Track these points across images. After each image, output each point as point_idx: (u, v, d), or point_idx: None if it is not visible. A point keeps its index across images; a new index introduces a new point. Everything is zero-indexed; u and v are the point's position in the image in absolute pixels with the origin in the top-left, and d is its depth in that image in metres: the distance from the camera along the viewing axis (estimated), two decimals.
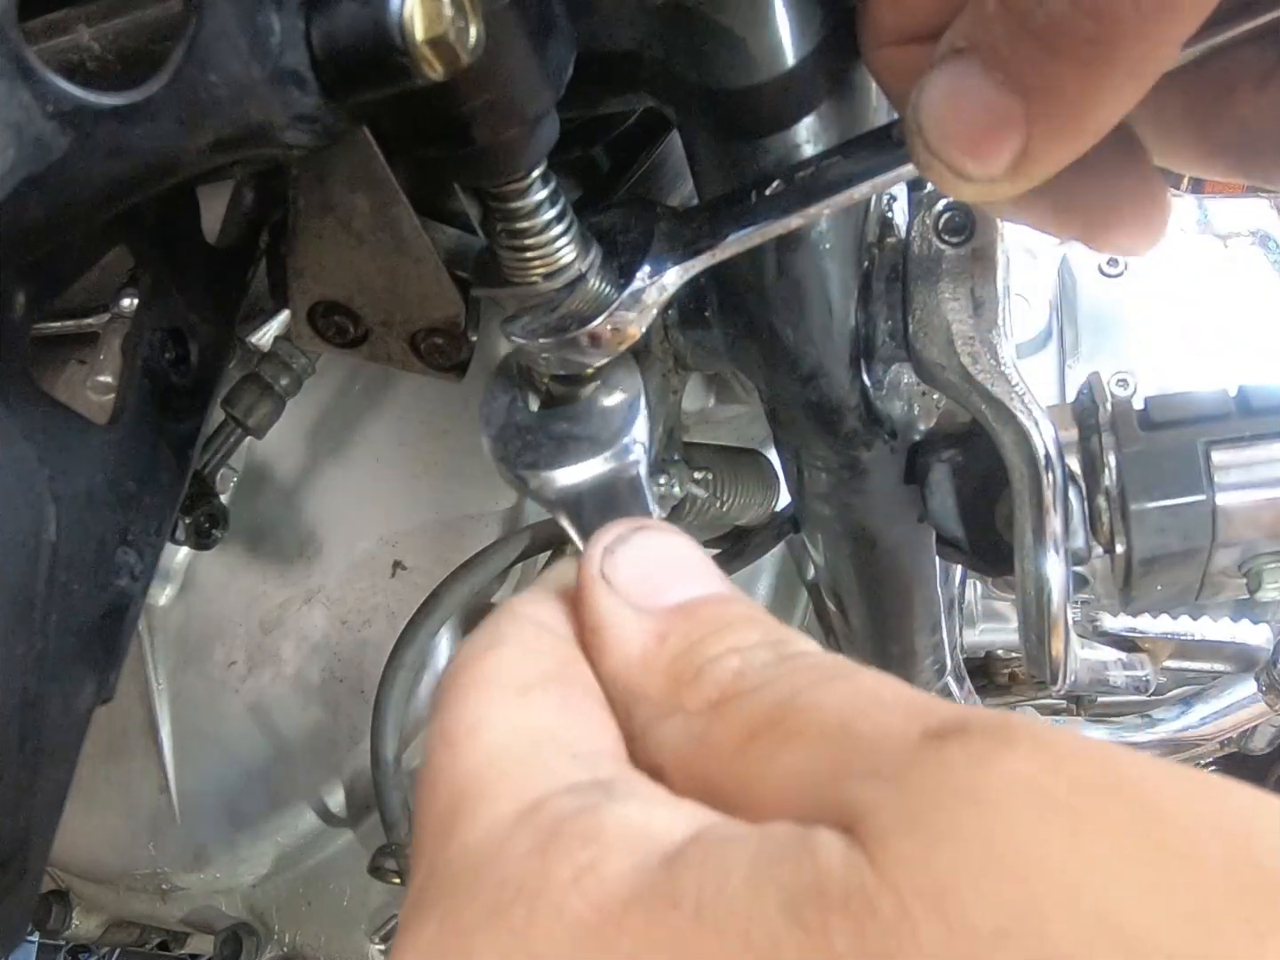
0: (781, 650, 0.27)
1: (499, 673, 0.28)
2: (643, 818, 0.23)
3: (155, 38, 0.30)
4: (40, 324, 0.39)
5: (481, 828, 0.24)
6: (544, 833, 0.23)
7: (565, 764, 0.26)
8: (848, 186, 0.37)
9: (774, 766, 0.24)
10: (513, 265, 0.38)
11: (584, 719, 0.28)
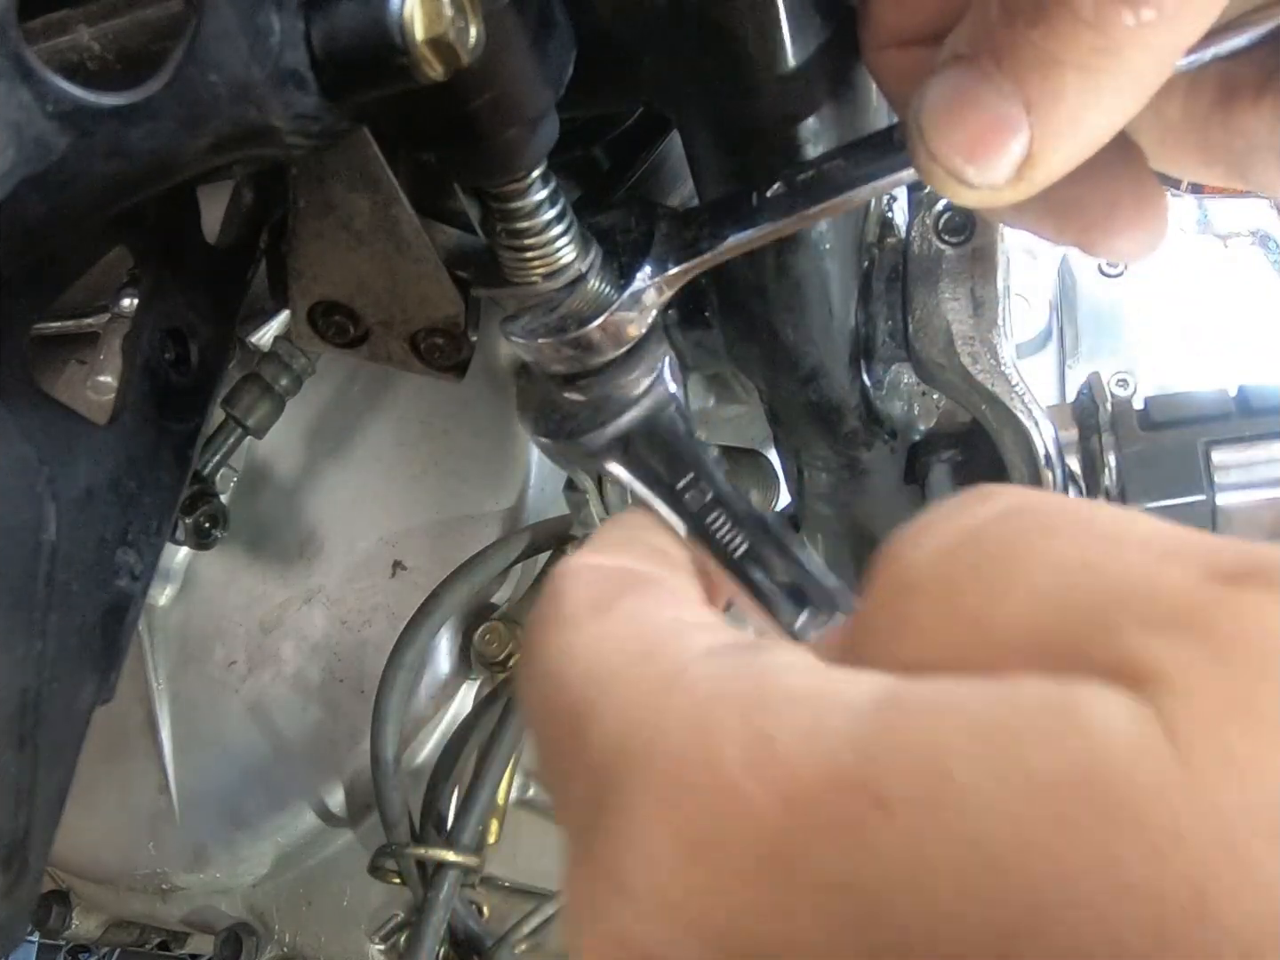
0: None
1: (596, 574, 0.27)
2: (811, 674, 0.19)
3: (155, 38, 0.30)
4: (40, 324, 0.39)
5: (620, 714, 0.21)
6: (695, 703, 0.19)
7: (697, 632, 0.23)
8: (849, 189, 0.37)
9: (991, 614, 0.18)
10: (512, 265, 0.38)
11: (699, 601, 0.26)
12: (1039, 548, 0.19)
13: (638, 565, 0.29)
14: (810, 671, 0.19)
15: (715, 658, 0.21)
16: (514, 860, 0.89)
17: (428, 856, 0.71)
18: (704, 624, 0.24)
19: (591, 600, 0.25)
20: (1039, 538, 0.19)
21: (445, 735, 0.78)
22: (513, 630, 0.77)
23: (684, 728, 0.19)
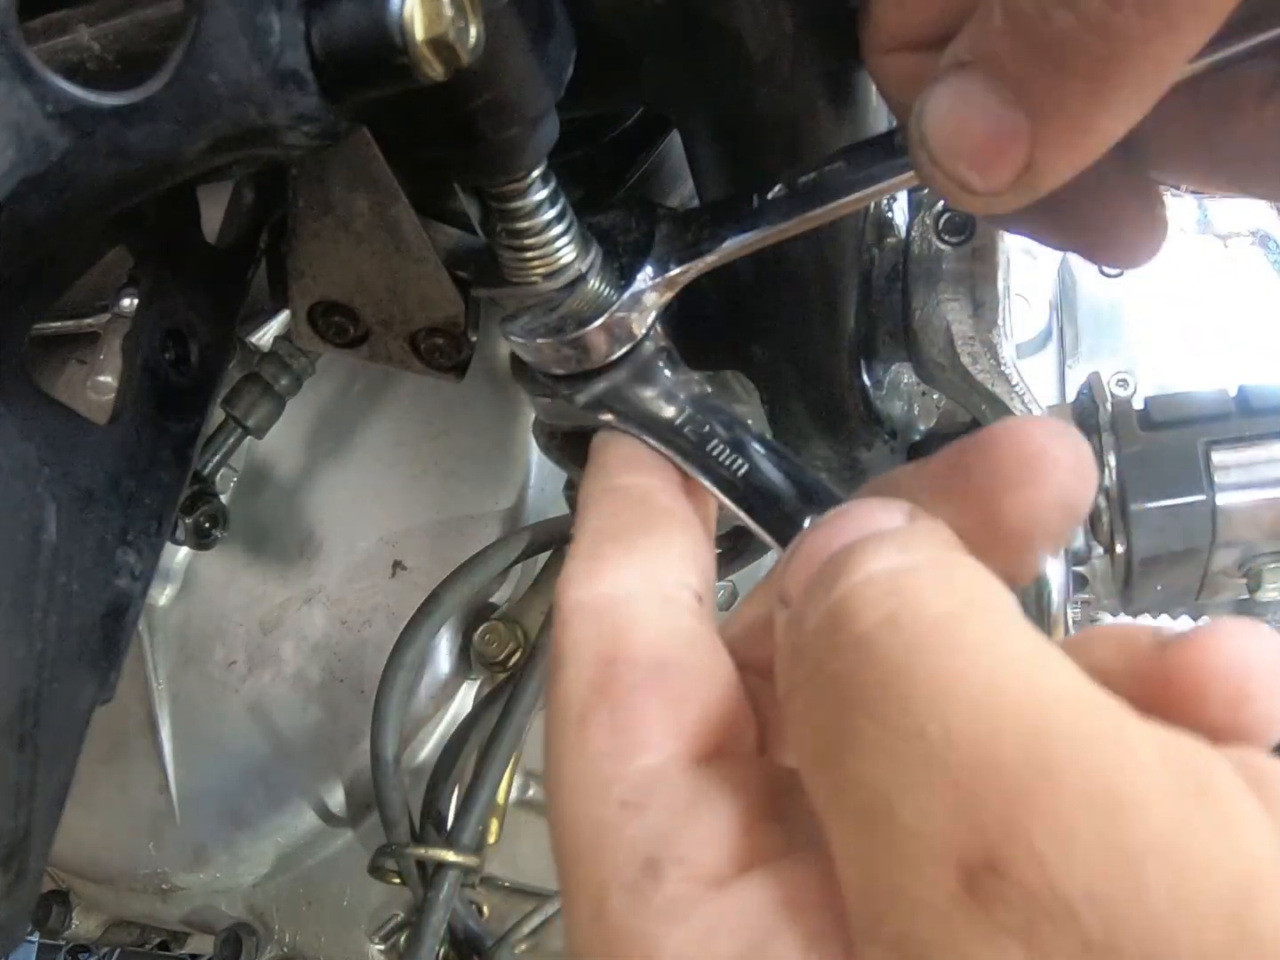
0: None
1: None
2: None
3: (155, 38, 0.30)
4: (40, 324, 0.39)
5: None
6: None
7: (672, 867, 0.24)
8: (849, 193, 0.37)
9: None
10: (512, 265, 0.38)
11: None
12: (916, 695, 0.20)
13: (634, 582, 0.30)
14: (681, 934, 0.22)
15: (625, 894, 0.23)
16: (514, 860, 0.89)
17: (428, 856, 0.71)
18: (641, 777, 0.25)
19: (576, 694, 0.27)
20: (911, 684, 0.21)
21: (445, 735, 0.78)
22: (513, 630, 0.77)
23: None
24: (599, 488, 0.35)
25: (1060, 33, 0.27)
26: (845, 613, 0.23)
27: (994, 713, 0.20)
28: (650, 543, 0.32)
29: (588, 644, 0.28)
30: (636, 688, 0.27)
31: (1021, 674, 0.20)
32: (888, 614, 0.22)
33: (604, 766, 0.26)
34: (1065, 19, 0.27)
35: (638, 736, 0.26)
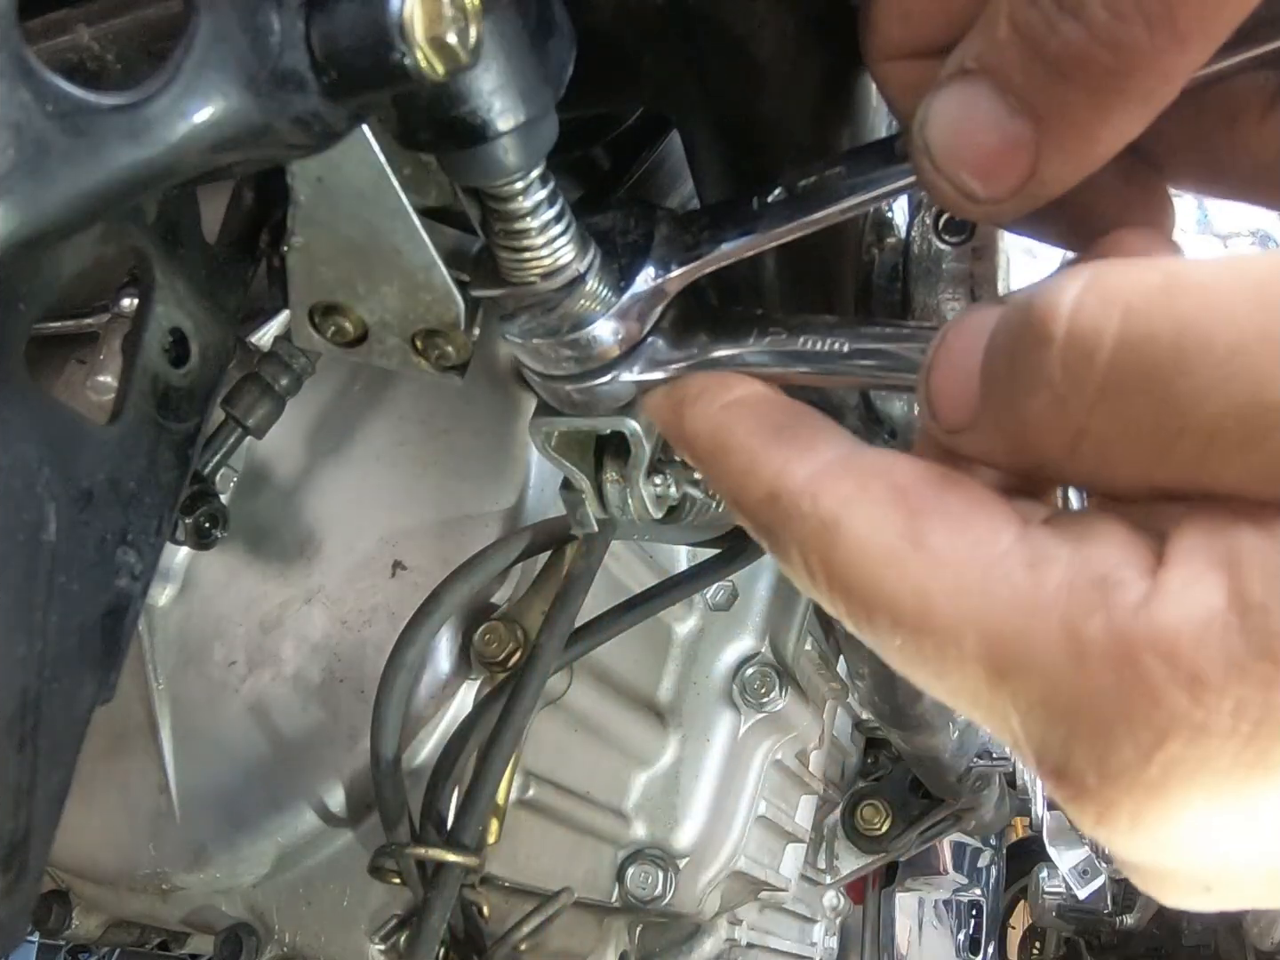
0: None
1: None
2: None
3: (155, 38, 0.30)
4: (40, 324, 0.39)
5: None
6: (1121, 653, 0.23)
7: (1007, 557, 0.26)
8: (849, 197, 0.37)
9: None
10: (511, 265, 0.38)
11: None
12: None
13: (840, 450, 0.30)
14: (1172, 601, 0.23)
15: (1097, 614, 0.24)
16: (514, 860, 0.89)
17: (428, 856, 0.71)
18: (1021, 546, 0.26)
19: (888, 525, 0.27)
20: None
21: (445, 735, 0.78)
22: (513, 630, 0.77)
23: (1129, 693, 0.23)
24: (716, 408, 0.34)
25: (1067, 44, 0.27)
26: (1084, 334, 0.24)
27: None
28: (818, 422, 0.32)
29: (860, 493, 0.28)
30: (949, 496, 0.28)
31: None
32: (1123, 309, 0.24)
33: (978, 557, 0.26)
34: (1072, 30, 0.27)
35: (987, 524, 0.27)
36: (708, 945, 1.17)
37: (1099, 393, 0.24)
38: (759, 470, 0.31)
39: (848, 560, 0.28)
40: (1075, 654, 0.24)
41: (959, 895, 2.43)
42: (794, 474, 0.30)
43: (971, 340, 0.29)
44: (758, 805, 1.11)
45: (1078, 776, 0.25)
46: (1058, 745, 0.25)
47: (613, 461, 0.47)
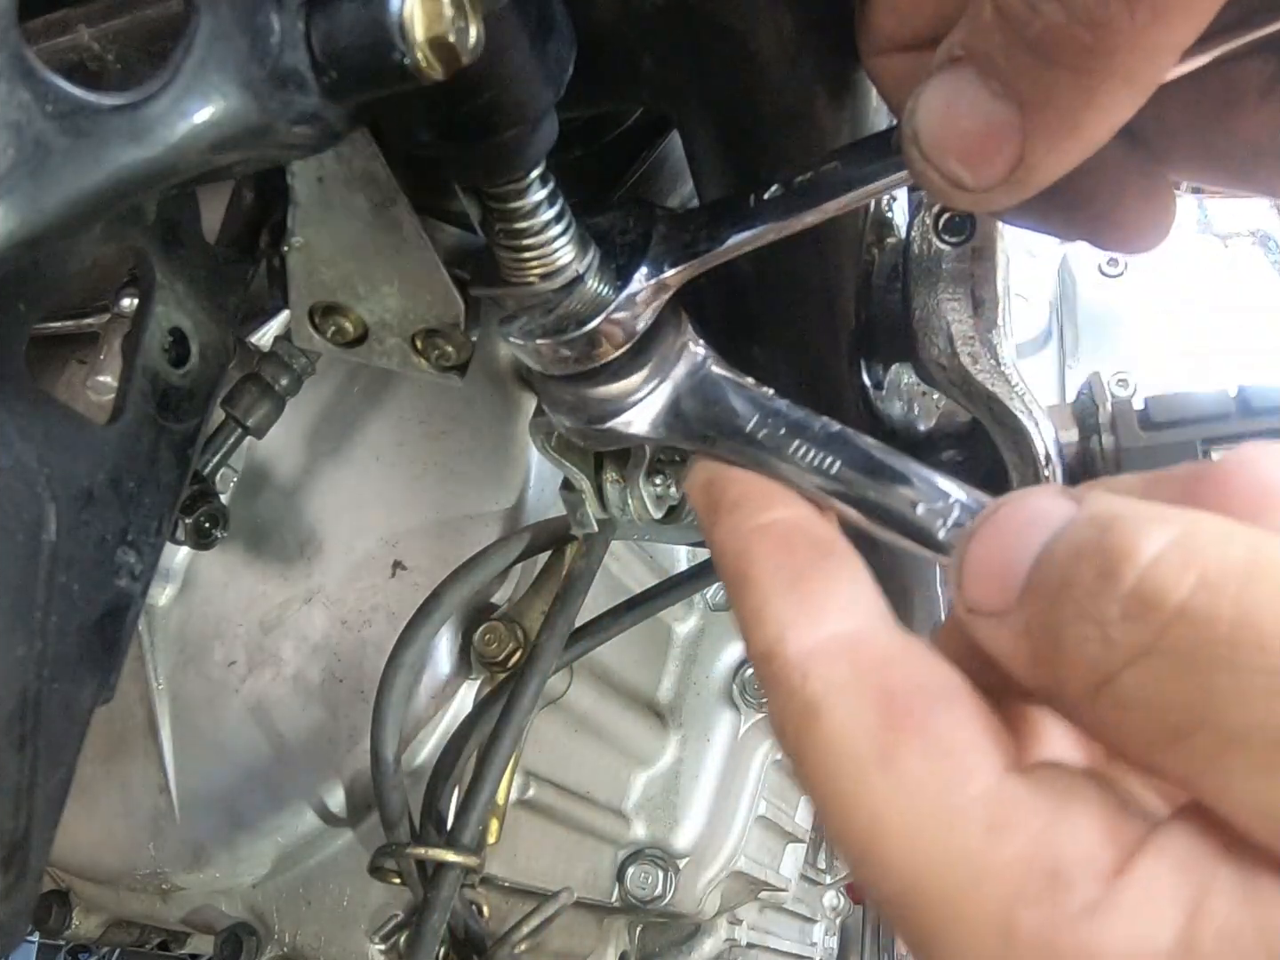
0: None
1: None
2: (1130, 928, 0.22)
3: (155, 38, 0.30)
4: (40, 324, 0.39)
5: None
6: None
7: (1001, 836, 0.24)
8: (846, 192, 0.37)
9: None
10: (511, 265, 0.38)
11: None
12: (1232, 691, 0.22)
13: (849, 622, 0.29)
14: (1116, 920, 0.22)
15: (1037, 909, 0.23)
16: (514, 860, 0.89)
17: (428, 856, 0.71)
18: (991, 799, 0.25)
19: (864, 731, 0.26)
20: (1229, 676, 0.22)
21: (445, 735, 0.78)
22: (513, 630, 0.77)
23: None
24: (748, 528, 0.33)
25: (1048, 26, 0.27)
26: (1153, 590, 0.23)
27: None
28: (842, 574, 0.31)
29: (848, 685, 0.27)
30: (937, 713, 0.26)
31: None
32: (1198, 578, 0.23)
33: (941, 799, 0.25)
34: (1053, 12, 0.27)
35: (962, 761, 0.26)
36: (708, 945, 1.17)
37: (1143, 650, 0.23)
38: (764, 623, 0.30)
39: (817, 752, 0.27)
40: (1002, 943, 0.23)
41: None
42: (792, 642, 0.29)
43: (1026, 528, 0.27)
44: (758, 805, 1.11)
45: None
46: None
47: (613, 461, 0.47)
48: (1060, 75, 0.28)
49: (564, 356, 0.39)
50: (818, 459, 0.35)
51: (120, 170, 0.26)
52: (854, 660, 0.28)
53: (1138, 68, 0.27)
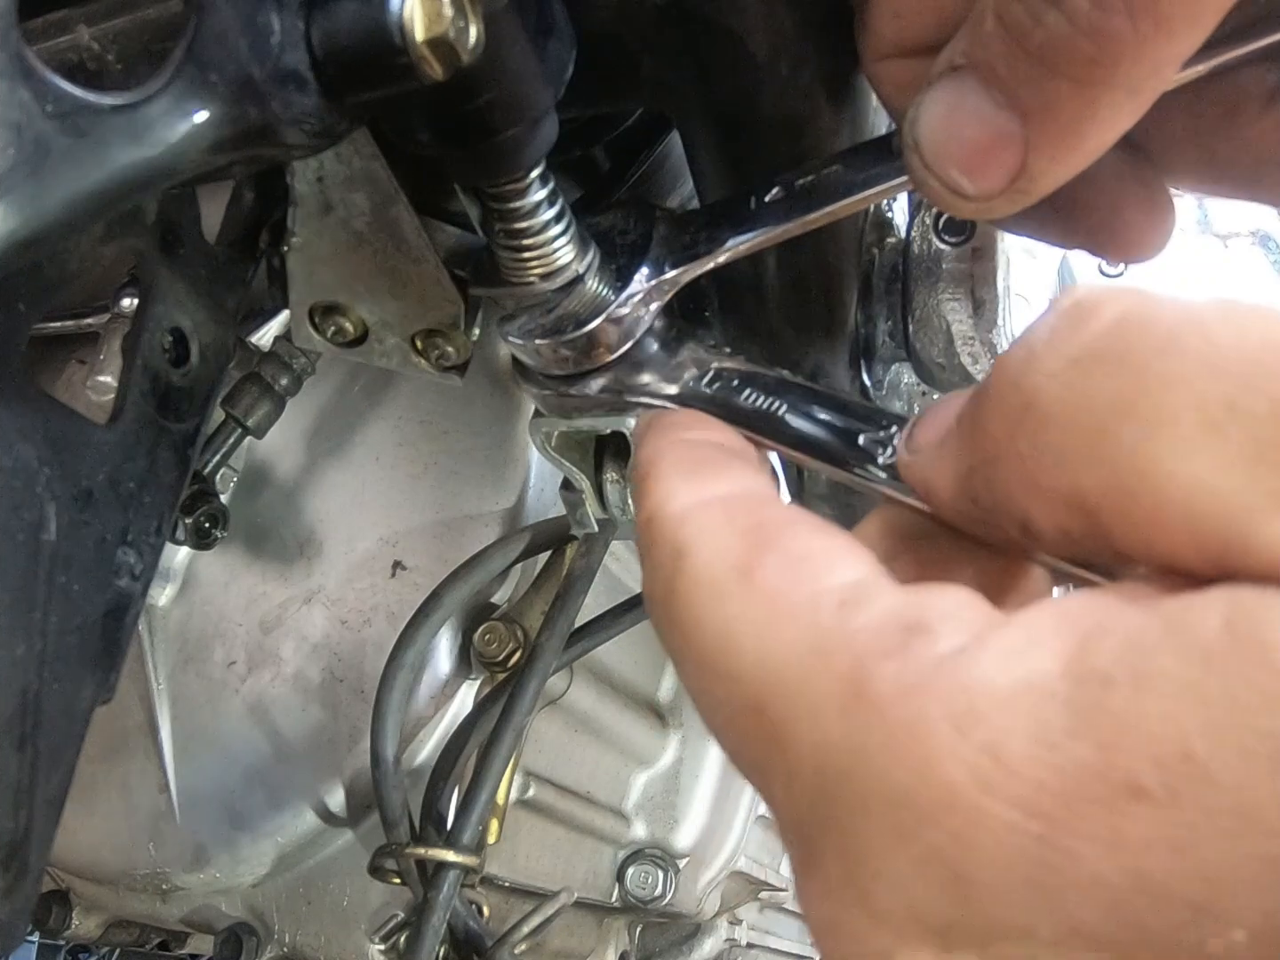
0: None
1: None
2: (993, 659, 0.19)
3: (155, 38, 0.30)
4: (40, 324, 0.39)
5: (816, 730, 0.21)
6: (901, 723, 0.19)
7: (853, 607, 0.22)
8: (846, 196, 0.37)
9: (1136, 456, 0.20)
10: (511, 265, 0.38)
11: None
12: (1167, 373, 0.20)
13: (734, 488, 0.29)
14: (991, 657, 0.19)
15: (890, 660, 0.20)
16: (514, 860, 0.89)
17: (428, 856, 0.71)
18: (849, 584, 0.23)
19: (728, 555, 0.25)
20: (1163, 360, 0.20)
21: (445, 735, 0.78)
22: (513, 630, 0.77)
23: (897, 753, 0.19)
24: (667, 441, 0.32)
25: (1051, 35, 0.27)
26: (1088, 308, 0.22)
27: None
28: (744, 464, 0.31)
29: (720, 526, 0.26)
30: (803, 533, 0.26)
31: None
32: (1136, 302, 0.22)
33: (795, 593, 0.23)
34: (1055, 22, 0.27)
35: (823, 560, 0.24)
36: (708, 945, 1.17)
37: (1070, 359, 0.22)
38: (650, 495, 0.29)
39: (682, 590, 0.25)
40: (850, 703, 0.20)
41: None
42: (674, 501, 0.28)
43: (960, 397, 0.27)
44: (758, 805, 1.11)
45: (821, 869, 0.21)
46: (808, 824, 0.21)
47: (613, 461, 0.47)
48: (1062, 85, 0.28)
49: (563, 356, 0.39)
50: (765, 403, 0.35)
51: (120, 170, 0.26)
52: (728, 508, 0.27)
53: (1139, 78, 0.28)
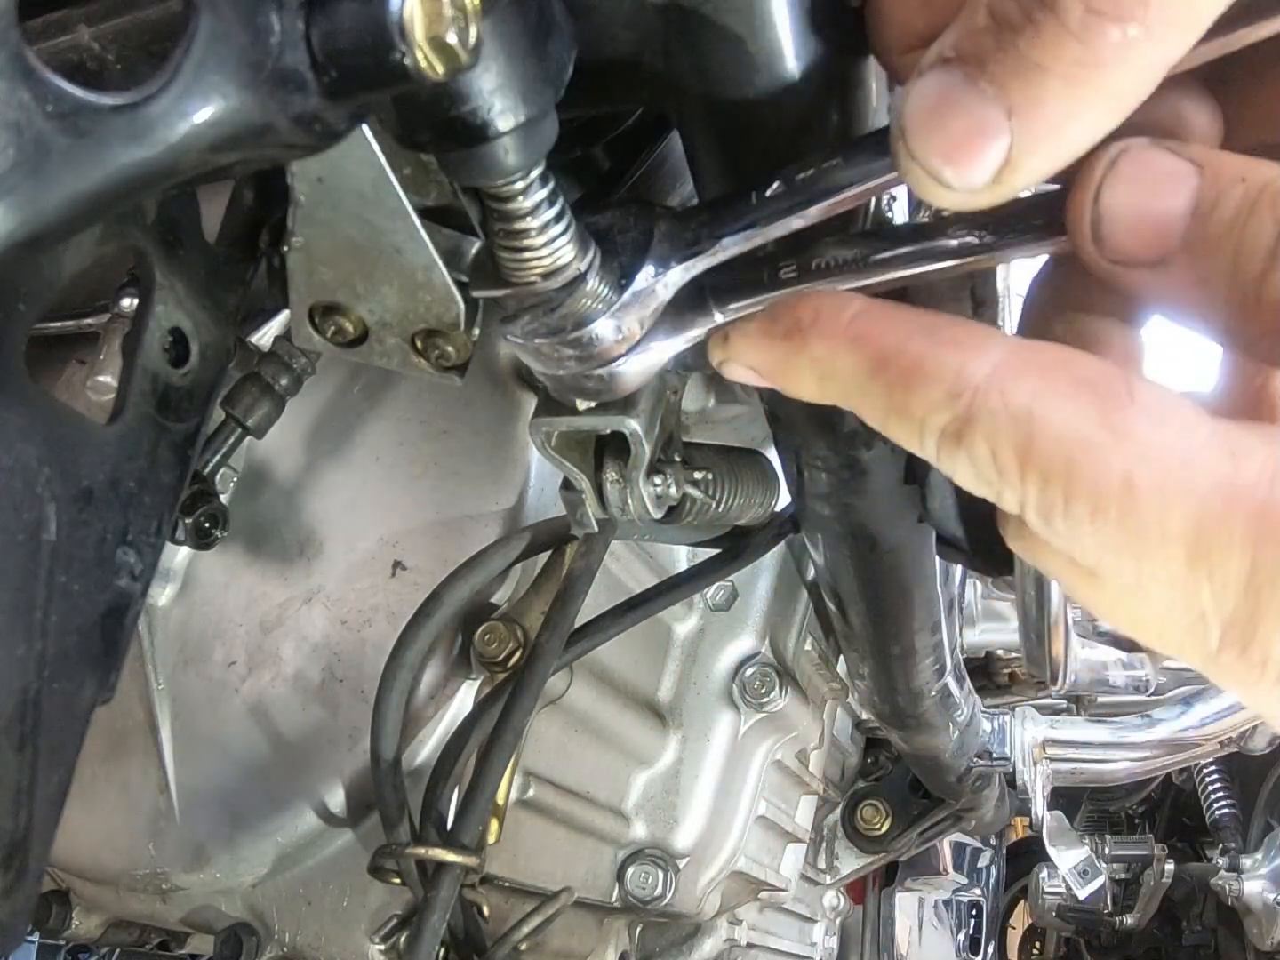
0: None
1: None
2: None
3: (155, 38, 0.30)
4: (40, 324, 0.39)
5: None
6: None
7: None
8: (847, 188, 0.37)
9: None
10: (511, 265, 0.38)
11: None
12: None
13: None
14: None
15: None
16: (514, 860, 0.89)
17: (428, 856, 0.71)
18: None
19: (1096, 425, 0.29)
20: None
21: (445, 735, 0.78)
22: (513, 630, 0.77)
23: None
24: (840, 328, 0.34)
25: (1041, 34, 0.28)
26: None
27: None
28: (957, 321, 0.33)
29: (1041, 385, 0.30)
30: (1138, 388, 0.30)
31: None
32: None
33: (1176, 449, 0.29)
34: (1046, 21, 0.27)
35: (1182, 416, 0.29)
36: (708, 945, 1.17)
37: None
38: (932, 371, 0.31)
39: (1045, 451, 0.29)
40: (1275, 534, 0.27)
41: (959, 895, 2.42)
42: (975, 371, 0.31)
43: (1165, 181, 0.30)
44: (758, 805, 1.11)
45: (1262, 648, 0.28)
46: (1246, 617, 0.28)
47: (613, 461, 0.47)
48: (1051, 83, 0.28)
49: (565, 356, 0.39)
50: (849, 256, 0.36)
51: (120, 170, 0.26)
52: (1039, 367, 0.30)
53: (1125, 80, 0.28)
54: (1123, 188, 0.31)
